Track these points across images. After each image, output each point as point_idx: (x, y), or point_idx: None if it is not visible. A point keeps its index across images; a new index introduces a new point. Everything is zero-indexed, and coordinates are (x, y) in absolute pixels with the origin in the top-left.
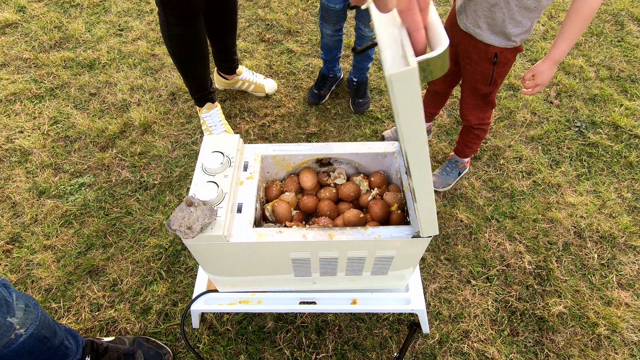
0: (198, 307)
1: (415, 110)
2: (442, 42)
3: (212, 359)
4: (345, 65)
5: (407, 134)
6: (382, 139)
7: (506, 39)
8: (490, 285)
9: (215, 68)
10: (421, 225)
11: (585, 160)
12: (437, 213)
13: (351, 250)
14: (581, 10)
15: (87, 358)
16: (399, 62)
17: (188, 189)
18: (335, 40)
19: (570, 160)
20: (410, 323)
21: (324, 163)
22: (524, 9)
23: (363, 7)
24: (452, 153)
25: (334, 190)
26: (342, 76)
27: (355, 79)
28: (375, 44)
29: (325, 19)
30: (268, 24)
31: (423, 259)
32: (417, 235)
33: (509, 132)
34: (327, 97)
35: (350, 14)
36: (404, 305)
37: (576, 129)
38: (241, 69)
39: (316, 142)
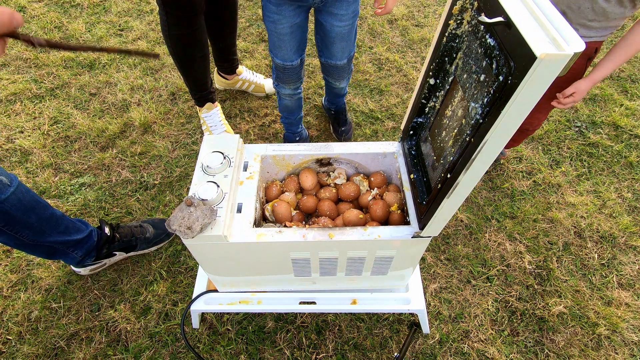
0: (198, 307)
1: (533, 99)
2: (578, 41)
3: (212, 359)
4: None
5: (506, 120)
6: None
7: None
8: (491, 285)
9: (216, 68)
10: (430, 223)
11: (585, 160)
12: None
13: (351, 250)
14: (634, 44)
15: (105, 227)
16: (548, 44)
17: (188, 189)
18: (295, 99)
19: (571, 160)
20: (410, 323)
21: (324, 163)
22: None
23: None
24: None
25: (334, 190)
26: (308, 135)
27: (332, 108)
28: (505, 22)
29: (281, 79)
30: None
31: (423, 259)
32: (417, 235)
33: None
34: None
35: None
36: (404, 305)
37: (576, 129)
38: (241, 69)
39: (316, 142)
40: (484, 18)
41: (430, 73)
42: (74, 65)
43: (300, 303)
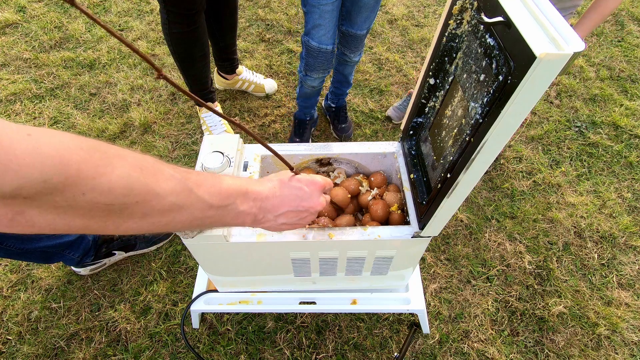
0: (198, 307)
1: (533, 99)
2: (578, 41)
3: (212, 359)
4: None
5: (506, 119)
6: (389, 119)
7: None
8: (490, 285)
9: (216, 68)
10: (430, 223)
11: (585, 160)
12: None
13: (351, 250)
14: (602, 9)
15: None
16: (547, 44)
17: None
18: (317, 90)
19: (571, 160)
20: (410, 323)
21: (324, 163)
22: None
23: None
24: None
25: None
26: (317, 117)
27: (333, 105)
28: (505, 22)
29: (311, 67)
30: (268, 24)
31: (423, 259)
32: (417, 235)
33: None
34: (310, 138)
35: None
36: (404, 305)
37: (576, 129)
38: (241, 69)
39: (316, 142)
40: (483, 18)
41: (430, 73)
42: (74, 65)
43: (300, 303)
